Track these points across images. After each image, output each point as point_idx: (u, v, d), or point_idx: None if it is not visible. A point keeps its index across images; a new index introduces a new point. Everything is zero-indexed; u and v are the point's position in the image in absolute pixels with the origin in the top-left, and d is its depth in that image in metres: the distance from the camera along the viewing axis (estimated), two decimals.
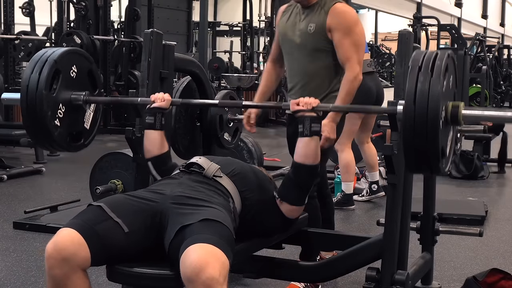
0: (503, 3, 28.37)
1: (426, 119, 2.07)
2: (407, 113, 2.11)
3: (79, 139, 2.76)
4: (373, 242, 2.65)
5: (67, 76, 2.65)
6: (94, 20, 9.74)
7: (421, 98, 2.08)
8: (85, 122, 2.76)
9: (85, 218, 2.18)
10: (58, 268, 2.08)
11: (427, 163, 2.15)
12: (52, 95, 2.58)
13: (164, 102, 2.62)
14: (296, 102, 2.49)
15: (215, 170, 2.49)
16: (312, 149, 2.48)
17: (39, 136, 2.64)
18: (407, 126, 2.11)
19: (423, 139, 2.09)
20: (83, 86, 2.73)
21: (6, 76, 8.33)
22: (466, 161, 6.77)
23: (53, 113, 2.58)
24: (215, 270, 1.97)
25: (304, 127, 2.47)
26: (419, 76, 2.11)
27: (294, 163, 2.53)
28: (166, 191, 2.35)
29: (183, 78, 3.54)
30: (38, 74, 2.55)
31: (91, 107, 2.78)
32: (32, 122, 2.59)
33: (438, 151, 2.10)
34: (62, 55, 2.62)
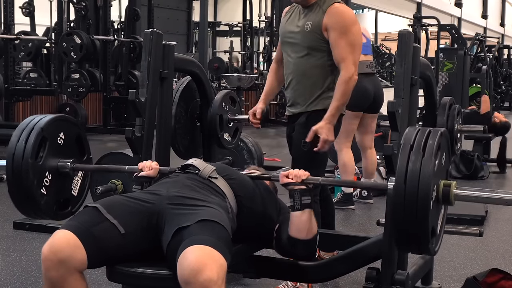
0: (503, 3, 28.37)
1: (416, 199, 2.05)
2: (397, 191, 2.09)
3: (67, 206, 2.70)
4: (373, 242, 2.65)
5: (54, 143, 2.61)
6: (94, 20, 9.75)
7: (412, 177, 2.06)
8: (72, 189, 2.71)
9: (81, 219, 2.18)
10: (55, 270, 2.07)
11: (417, 242, 2.13)
12: (38, 163, 2.53)
13: (152, 171, 2.56)
14: (285, 174, 2.45)
15: (211, 171, 2.48)
16: (304, 223, 2.44)
17: (24, 205, 2.59)
18: (397, 204, 2.09)
19: (413, 219, 2.06)
20: (71, 153, 2.68)
21: (6, 76, 8.33)
22: (466, 161, 6.77)
23: (39, 182, 2.54)
24: (212, 272, 1.96)
25: (295, 201, 2.42)
26: (410, 156, 2.09)
27: (289, 237, 2.48)
28: (162, 191, 2.34)
29: (183, 78, 3.54)
30: (24, 143, 2.51)
31: (79, 174, 2.72)
32: (17, 191, 2.54)
33: (428, 232, 2.08)
34: (49, 122, 2.58)
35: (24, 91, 9.02)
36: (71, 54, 9.03)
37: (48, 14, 10.13)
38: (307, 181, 2.43)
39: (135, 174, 2.58)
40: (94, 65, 9.94)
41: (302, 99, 3.15)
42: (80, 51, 8.98)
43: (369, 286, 2.52)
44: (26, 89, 9.15)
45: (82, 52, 8.97)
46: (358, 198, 5.39)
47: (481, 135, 6.87)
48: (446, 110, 3.40)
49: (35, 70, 9.80)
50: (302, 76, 3.13)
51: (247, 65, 13.42)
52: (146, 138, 2.84)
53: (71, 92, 9.14)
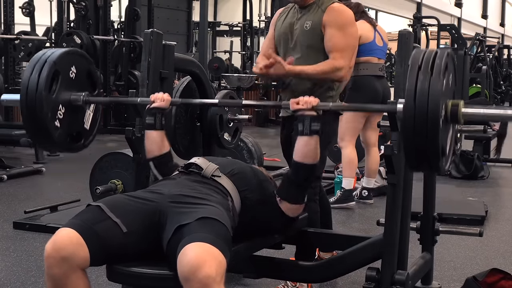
0: (503, 3, 28.38)
1: (426, 118, 2.07)
2: (407, 111, 2.11)
3: (79, 139, 2.75)
4: (373, 242, 2.65)
5: (66, 77, 2.64)
6: (94, 20, 9.74)
7: (421, 97, 2.08)
8: (84, 123, 2.76)
9: (84, 218, 2.19)
10: (57, 268, 2.08)
11: (427, 161, 2.14)
12: (51, 96, 2.57)
13: (164, 102, 2.62)
14: (295, 101, 2.49)
15: (214, 169, 2.49)
16: (311, 148, 2.48)
17: (39, 137, 2.64)
18: (407, 124, 2.11)
19: (423, 138, 2.08)
20: (83, 86, 2.73)
21: (6, 76, 8.33)
22: (466, 161, 6.77)
23: (53, 114, 2.58)
24: (211, 269, 1.97)
25: (304, 126, 2.46)
26: (419, 75, 2.11)
27: (294, 162, 2.52)
28: (164, 190, 2.35)
29: (183, 78, 3.54)
30: (37, 76, 2.54)
31: (91, 108, 2.77)
32: (32, 124, 2.58)
33: (438, 150, 2.10)
34: (61, 56, 2.62)
35: None
36: None
37: (48, 14, 10.14)
38: (317, 108, 2.48)
39: (148, 106, 2.63)
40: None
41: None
42: None
43: (369, 286, 2.52)
44: None
45: None
46: (358, 198, 5.39)
47: (481, 135, 6.88)
48: None
49: None
50: (301, 77, 3.12)
51: (247, 65, 13.42)
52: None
53: None
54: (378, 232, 2.69)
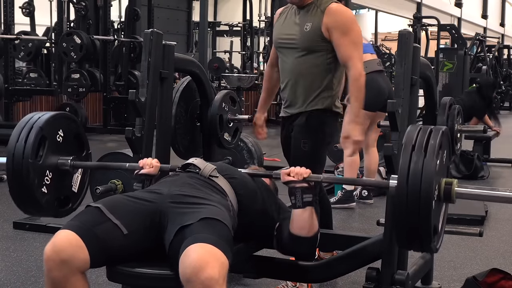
0: (503, 3, 28.37)
1: (418, 199, 2.04)
2: (399, 191, 2.08)
3: (67, 203, 2.69)
4: (373, 242, 2.65)
5: (53, 141, 2.59)
6: (94, 20, 9.75)
7: (414, 178, 2.06)
8: (73, 186, 2.70)
9: (84, 219, 2.17)
10: (57, 270, 2.07)
11: (419, 240, 2.13)
12: (38, 163, 2.51)
13: (153, 169, 2.55)
14: (286, 172, 2.44)
15: (211, 170, 2.49)
16: (305, 220, 2.44)
17: (26, 204, 2.57)
18: (400, 204, 2.09)
19: (415, 218, 2.06)
20: (70, 149, 2.67)
21: (6, 76, 8.34)
22: (466, 161, 6.77)
23: (40, 181, 2.52)
24: (214, 270, 1.96)
25: (296, 198, 2.42)
26: (412, 156, 2.09)
27: (290, 235, 2.48)
28: (164, 190, 2.34)
29: (183, 78, 3.54)
30: (24, 142, 2.49)
31: (79, 170, 2.71)
32: (18, 191, 2.53)
33: (430, 230, 2.08)
34: (49, 121, 2.56)
35: (24, 91, 9.02)
36: (71, 54, 9.03)
37: (48, 14, 10.14)
38: (309, 179, 2.43)
39: (136, 172, 2.57)
40: (94, 65, 9.95)
41: (301, 99, 3.15)
42: (80, 51, 8.98)
43: (369, 286, 2.51)
44: (26, 89, 9.15)
45: (82, 52, 8.98)
46: (358, 198, 5.39)
47: (481, 135, 6.88)
48: (446, 110, 3.39)
49: (35, 70, 9.80)
50: (300, 76, 3.13)
51: (247, 65, 13.42)
52: (146, 138, 2.84)
53: (71, 92, 9.15)
54: (378, 232, 2.69)
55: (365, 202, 5.38)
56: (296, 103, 3.17)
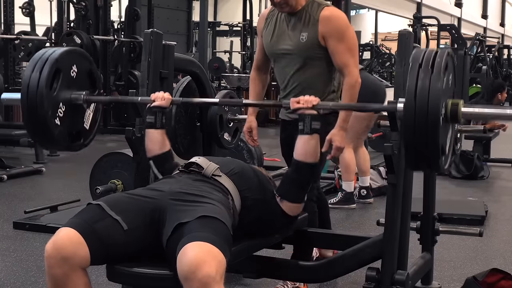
0: (503, 3, 28.38)
1: (426, 116, 2.07)
2: (407, 109, 2.12)
3: (79, 138, 2.75)
4: (373, 242, 2.65)
5: (67, 75, 2.64)
6: (94, 20, 9.74)
7: (421, 94, 2.09)
8: (84, 122, 2.75)
9: (84, 217, 2.19)
10: (58, 268, 2.08)
11: (427, 160, 2.15)
12: (52, 94, 2.57)
13: (164, 101, 2.62)
14: (296, 100, 2.49)
15: (214, 169, 2.49)
16: (312, 147, 2.48)
17: (39, 134, 2.63)
18: (408, 122, 2.12)
19: (423, 136, 2.09)
20: (83, 86, 2.72)
21: (6, 76, 8.33)
22: (466, 161, 6.77)
23: (54, 112, 2.58)
24: (211, 268, 1.97)
25: (305, 125, 2.47)
26: (419, 73, 2.12)
27: (294, 161, 2.52)
28: (165, 188, 2.35)
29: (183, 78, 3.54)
30: (38, 73, 2.54)
31: (91, 107, 2.77)
32: (32, 121, 2.58)
33: (438, 148, 2.11)
34: (63, 54, 2.62)
35: None
36: None
37: (48, 14, 10.14)
38: (318, 107, 2.49)
39: (148, 105, 2.63)
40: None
41: None
42: None
43: (369, 286, 2.51)
44: None
45: None
46: (357, 198, 5.39)
47: (481, 135, 6.88)
48: None
49: None
50: (303, 87, 3.12)
51: (247, 65, 13.43)
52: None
53: None
54: (378, 232, 2.69)
55: (365, 202, 5.38)
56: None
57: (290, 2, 3.01)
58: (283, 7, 3.04)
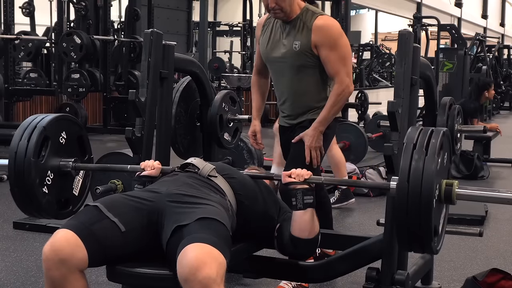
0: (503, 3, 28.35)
1: (419, 198, 2.05)
2: (400, 191, 2.09)
3: (67, 206, 2.70)
4: (373, 242, 2.65)
5: (56, 142, 2.61)
6: (94, 20, 9.74)
7: (415, 176, 2.06)
8: (73, 189, 2.71)
9: (82, 218, 2.18)
10: (56, 270, 2.08)
11: (420, 241, 2.13)
12: (40, 162, 2.53)
13: (154, 170, 2.55)
14: (287, 174, 2.45)
15: (210, 170, 2.49)
16: (306, 222, 2.44)
17: (26, 203, 2.58)
18: (400, 204, 2.09)
19: (416, 218, 2.06)
20: (72, 152, 2.69)
21: (6, 76, 8.33)
22: (466, 161, 6.77)
23: (41, 180, 2.54)
24: (212, 270, 1.97)
25: (297, 200, 2.42)
26: (413, 155, 2.10)
27: (291, 236, 2.48)
28: (162, 189, 2.35)
29: (183, 78, 3.54)
30: (26, 141, 2.51)
31: (80, 174, 2.73)
32: (19, 189, 2.53)
33: (431, 231, 2.09)
34: (52, 121, 2.58)
35: (24, 91, 9.02)
36: (71, 54, 9.02)
37: (48, 14, 10.13)
38: (310, 181, 2.43)
39: (137, 174, 2.57)
40: (94, 65, 9.94)
41: (302, 112, 3.20)
42: (80, 51, 8.97)
43: (369, 286, 2.52)
44: (26, 89, 9.14)
45: (82, 52, 8.97)
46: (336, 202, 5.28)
47: (481, 135, 6.88)
48: (446, 110, 3.39)
49: (35, 70, 9.79)
50: (299, 95, 3.17)
51: (247, 65, 13.42)
52: (146, 138, 2.84)
53: (71, 92, 9.14)
54: (378, 232, 2.69)
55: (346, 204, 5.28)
56: (298, 116, 3.22)
57: (284, 9, 3.04)
58: (277, 13, 3.06)
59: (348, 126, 7.29)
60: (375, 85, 16.02)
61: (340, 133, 6.90)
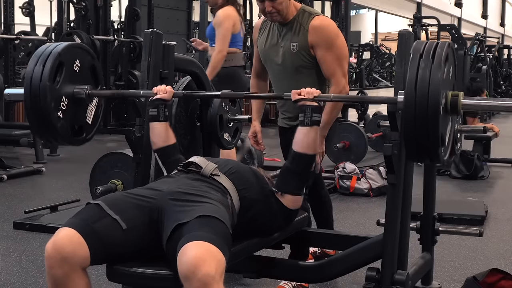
0: (503, 3, 28.37)
1: (426, 106, 2.09)
2: (408, 99, 2.13)
3: (81, 133, 2.77)
4: (373, 242, 2.65)
5: (70, 69, 2.67)
6: (94, 20, 9.74)
7: (422, 84, 2.11)
8: (87, 117, 2.77)
9: (83, 216, 2.19)
10: (58, 268, 2.08)
11: (427, 150, 2.16)
12: (55, 87, 2.59)
13: (167, 94, 2.65)
14: (297, 92, 2.51)
15: (213, 168, 2.50)
16: (312, 139, 2.49)
17: (42, 127, 2.64)
18: (408, 113, 2.13)
19: (424, 126, 2.11)
20: (86, 80, 2.75)
21: (6, 76, 8.33)
22: (466, 161, 6.77)
23: (56, 105, 2.59)
24: (211, 268, 1.97)
25: (305, 116, 2.48)
26: (420, 63, 2.14)
27: (294, 153, 2.53)
28: (163, 188, 2.36)
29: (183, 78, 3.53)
30: (42, 66, 2.56)
31: (93, 102, 2.79)
32: (35, 114, 2.59)
33: (438, 138, 2.12)
34: (66, 48, 2.64)
35: None
36: None
37: (48, 14, 10.14)
38: (319, 98, 2.49)
39: (151, 99, 2.66)
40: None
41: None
42: None
43: (369, 286, 2.51)
44: None
45: None
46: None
47: (481, 135, 6.88)
48: None
49: None
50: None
51: (247, 65, 13.41)
52: (146, 138, 2.84)
53: None
54: (378, 232, 2.70)
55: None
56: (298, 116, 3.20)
57: (281, 12, 3.06)
58: (274, 16, 3.08)
59: (348, 126, 7.30)
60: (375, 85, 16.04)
61: (340, 133, 6.90)
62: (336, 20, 8.51)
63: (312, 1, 8.28)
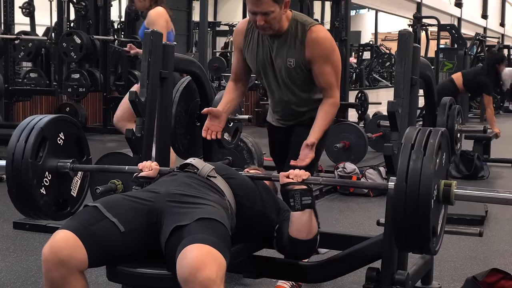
0: (503, 3, 28.35)
1: (417, 199, 2.03)
2: (398, 191, 2.07)
3: (66, 207, 2.69)
4: (373, 242, 2.65)
5: (54, 143, 2.59)
6: (94, 20, 9.73)
7: (413, 177, 2.04)
8: (71, 190, 2.70)
9: (81, 219, 2.18)
10: (56, 271, 2.07)
11: (418, 242, 2.11)
12: (38, 163, 2.52)
13: (152, 171, 2.54)
14: (285, 174, 2.45)
15: (209, 170, 2.49)
16: (304, 223, 2.44)
17: (24, 204, 2.57)
18: (398, 204, 2.07)
19: (414, 219, 2.05)
20: (71, 153, 2.67)
21: (6, 76, 8.33)
22: (466, 161, 6.77)
23: (39, 182, 2.53)
24: (212, 271, 1.96)
25: (295, 201, 2.41)
26: (411, 155, 2.08)
27: (289, 237, 2.48)
28: (161, 190, 2.34)
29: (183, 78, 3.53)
30: (24, 142, 2.50)
31: (79, 175, 2.72)
32: (17, 190, 2.52)
33: (429, 231, 2.07)
34: (49, 122, 2.57)
35: (24, 91, 9.02)
36: (71, 54, 9.02)
37: (48, 14, 10.13)
38: (308, 181, 2.43)
39: (135, 175, 2.57)
40: (94, 65, 9.93)
41: (299, 115, 3.20)
42: (80, 51, 8.97)
43: (369, 286, 2.51)
44: (26, 89, 9.14)
45: (82, 52, 8.97)
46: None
47: (481, 135, 6.88)
48: (446, 110, 3.40)
49: (35, 70, 9.79)
50: (296, 106, 3.16)
51: None
52: (146, 138, 2.84)
53: (71, 92, 9.14)
54: (378, 232, 2.69)
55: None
56: (296, 118, 3.21)
57: (273, 26, 2.92)
58: (266, 29, 2.94)
59: (348, 126, 7.29)
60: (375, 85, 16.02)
61: (340, 133, 6.90)
62: (336, 20, 8.50)
63: (312, 1, 8.26)
